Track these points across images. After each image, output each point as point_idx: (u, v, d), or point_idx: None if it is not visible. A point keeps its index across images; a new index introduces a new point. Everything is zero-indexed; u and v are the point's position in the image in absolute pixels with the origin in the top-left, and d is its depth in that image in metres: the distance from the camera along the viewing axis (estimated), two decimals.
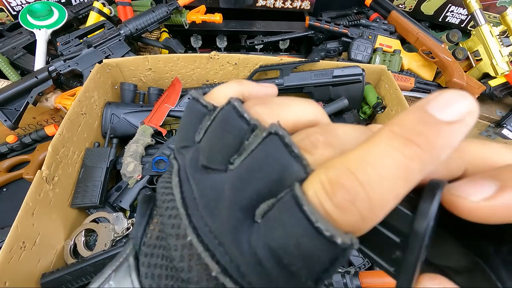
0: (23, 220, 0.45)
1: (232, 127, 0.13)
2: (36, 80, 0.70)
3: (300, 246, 0.10)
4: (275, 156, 0.11)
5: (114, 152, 0.65)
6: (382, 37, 0.94)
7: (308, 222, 0.10)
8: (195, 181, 0.13)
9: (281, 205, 0.11)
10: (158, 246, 0.13)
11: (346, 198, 0.10)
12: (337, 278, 0.48)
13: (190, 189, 0.13)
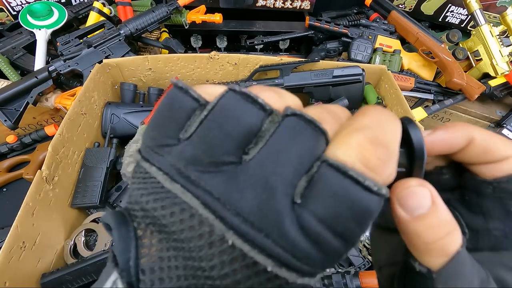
0: (23, 220, 0.45)
1: (244, 113, 0.12)
2: (36, 80, 0.70)
3: (353, 207, 0.11)
4: (300, 135, 0.12)
5: (114, 152, 0.65)
6: (382, 37, 0.94)
7: (357, 183, 0.11)
8: (209, 180, 0.12)
9: (321, 178, 0.11)
10: (170, 267, 0.11)
11: (384, 154, 0.12)
12: (337, 278, 0.48)
13: (206, 191, 0.11)
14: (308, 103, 0.83)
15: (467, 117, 0.91)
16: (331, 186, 0.11)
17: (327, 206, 0.11)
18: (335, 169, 0.11)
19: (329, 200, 0.11)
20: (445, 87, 0.88)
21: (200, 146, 0.12)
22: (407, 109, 0.68)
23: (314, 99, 0.81)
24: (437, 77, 0.93)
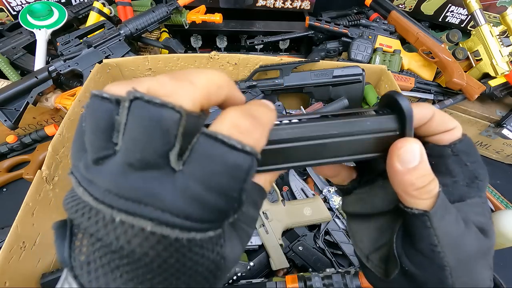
0: (23, 220, 0.46)
1: (96, 110, 0.14)
2: (36, 80, 0.70)
3: (223, 164, 0.13)
4: (145, 115, 0.13)
5: None
6: (382, 37, 0.94)
7: (223, 143, 0.13)
8: (94, 176, 0.13)
9: (197, 145, 0.13)
10: (93, 251, 0.13)
11: (252, 122, 0.15)
12: (337, 278, 0.48)
13: (95, 185, 0.13)
14: (308, 103, 0.83)
15: (467, 117, 0.91)
16: (204, 150, 0.13)
17: (201, 167, 0.13)
18: (207, 136, 0.13)
19: (203, 162, 0.13)
20: (445, 87, 0.88)
21: (76, 148, 0.15)
22: None
23: (314, 99, 0.81)
24: (437, 77, 0.93)
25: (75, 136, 0.15)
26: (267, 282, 0.49)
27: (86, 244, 0.13)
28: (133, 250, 0.12)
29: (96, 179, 0.13)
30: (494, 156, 0.99)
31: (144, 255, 0.12)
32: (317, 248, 0.60)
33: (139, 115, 0.13)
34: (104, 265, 0.13)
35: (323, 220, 0.61)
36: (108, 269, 0.13)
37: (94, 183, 0.13)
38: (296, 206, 0.61)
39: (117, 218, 0.12)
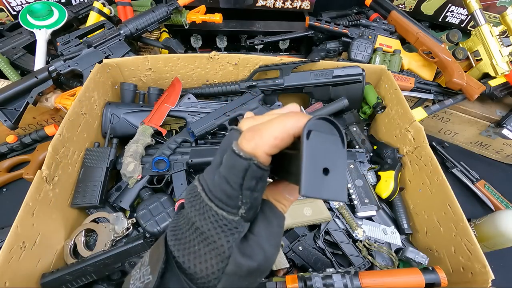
0: (23, 220, 0.46)
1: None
2: (36, 80, 0.70)
3: (228, 162, 0.20)
4: (230, 136, 0.23)
5: (114, 152, 0.65)
6: (382, 37, 0.94)
7: (231, 149, 0.20)
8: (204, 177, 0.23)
9: (228, 151, 0.21)
10: (180, 218, 0.24)
11: (251, 135, 0.20)
12: (337, 278, 0.48)
13: (203, 183, 0.22)
14: (308, 103, 0.83)
15: (467, 117, 0.91)
16: (228, 152, 0.21)
17: (224, 162, 0.21)
18: (231, 146, 0.21)
19: (225, 159, 0.21)
20: (445, 87, 0.88)
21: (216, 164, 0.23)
22: (407, 109, 0.68)
23: (314, 99, 0.81)
24: (437, 77, 0.93)
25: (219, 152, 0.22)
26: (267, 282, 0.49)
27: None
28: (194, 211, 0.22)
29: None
30: (494, 156, 0.99)
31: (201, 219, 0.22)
32: (317, 248, 0.60)
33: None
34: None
35: (323, 220, 0.61)
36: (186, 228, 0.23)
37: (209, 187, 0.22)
38: (296, 206, 0.61)
39: (202, 198, 0.22)
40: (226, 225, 0.21)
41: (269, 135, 0.20)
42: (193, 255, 0.22)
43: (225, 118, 0.72)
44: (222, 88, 0.78)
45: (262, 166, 0.20)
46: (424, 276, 0.48)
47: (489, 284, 0.45)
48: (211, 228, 0.21)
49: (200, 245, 0.22)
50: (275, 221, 0.23)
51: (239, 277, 0.21)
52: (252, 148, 0.20)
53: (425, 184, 0.62)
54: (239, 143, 0.20)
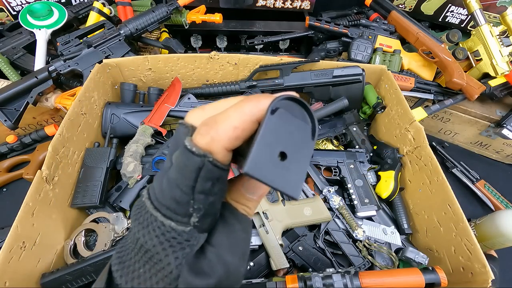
0: (23, 220, 0.46)
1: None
2: (36, 80, 0.70)
3: (179, 161, 0.17)
4: (178, 132, 0.19)
5: (114, 152, 0.65)
6: (382, 37, 0.94)
7: (184, 146, 0.17)
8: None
9: (178, 150, 0.18)
10: (127, 239, 0.21)
11: (204, 129, 0.17)
12: (337, 278, 0.48)
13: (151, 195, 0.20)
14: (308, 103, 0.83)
15: (467, 117, 0.91)
16: (179, 151, 0.18)
17: (174, 164, 0.18)
18: (182, 142, 0.18)
19: (175, 160, 0.18)
20: (445, 87, 0.88)
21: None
22: (407, 109, 0.68)
23: (314, 99, 0.81)
24: (437, 77, 0.93)
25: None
26: (267, 282, 0.49)
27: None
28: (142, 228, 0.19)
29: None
30: (494, 156, 0.99)
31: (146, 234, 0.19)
32: (317, 248, 0.60)
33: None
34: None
35: (323, 220, 0.61)
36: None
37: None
38: (296, 206, 0.61)
39: (149, 210, 0.19)
40: (175, 238, 0.18)
41: (227, 125, 0.17)
42: (137, 280, 0.18)
43: None
44: (222, 88, 0.78)
45: (219, 165, 0.17)
46: (424, 276, 0.48)
47: (489, 284, 0.45)
48: (157, 243, 0.18)
49: (145, 267, 0.18)
50: (238, 226, 0.20)
51: None
52: (207, 143, 0.17)
53: (425, 184, 0.62)
54: (192, 139, 0.17)
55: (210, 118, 0.18)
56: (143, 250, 0.19)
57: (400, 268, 0.58)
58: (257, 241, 0.58)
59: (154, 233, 0.18)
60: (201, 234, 0.18)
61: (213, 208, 0.18)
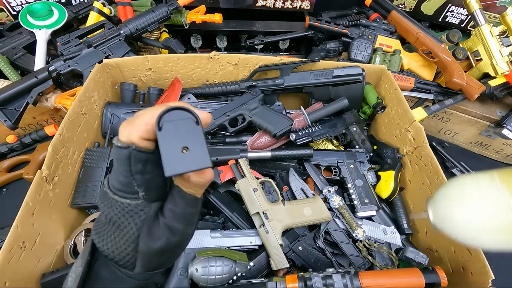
0: (23, 220, 0.46)
1: None
2: (36, 80, 0.70)
3: (114, 155, 0.24)
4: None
5: None
6: (382, 37, 0.94)
7: (113, 144, 0.23)
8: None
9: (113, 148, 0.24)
10: (100, 217, 0.27)
11: (125, 125, 0.23)
12: (337, 278, 0.48)
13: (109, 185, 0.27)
14: (308, 103, 0.83)
15: (467, 117, 0.91)
16: (112, 152, 0.28)
17: (113, 157, 0.24)
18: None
19: (114, 160, 0.24)
20: (445, 87, 0.88)
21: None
22: (407, 109, 0.68)
23: (314, 99, 0.81)
24: (437, 77, 0.93)
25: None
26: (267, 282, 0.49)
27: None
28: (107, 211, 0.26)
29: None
30: (494, 156, 0.99)
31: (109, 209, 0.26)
32: (317, 248, 0.60)
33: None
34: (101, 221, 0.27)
35: (323, 220, 0.61)
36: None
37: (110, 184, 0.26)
38: (296, 206, 0.61)
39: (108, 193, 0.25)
40: (132, 210, 0.24)
41: (140, 122, 0.23)
42: (110, 243, 0.25)
43: (225, 118, 0.72)
44: (222, 88, 0.78)
45: (143, 150, 0.23)
46: (424, 276, 0.48)
47: (489, 284, 0.45)
48: (121, 216, 0.24)
49: (115, 233, 0.25)
50: (182, 202, 0.26)
51: (152, 254, 0.25)
52: (127, 136, 0.23)
53: (425, 184, 0.62)
54: (118, 137, 0.23)
55: (128, 120, 0.24)
56: (111, 222, 0.25)
57: (400, 268, 0.58)
58: (257, 241, 0.58)
59: (117, 210, 0.24)
60: (152, 204, 0.25)
61: (153, 182, 0.25)
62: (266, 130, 0.71)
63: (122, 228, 0.25)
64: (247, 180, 0.61)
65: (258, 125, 0.72)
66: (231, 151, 0.67)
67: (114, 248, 0.25)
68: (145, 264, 0.25)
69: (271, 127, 0.70)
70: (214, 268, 0.50)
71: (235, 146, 0.71)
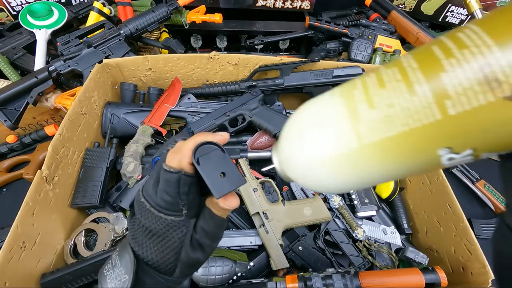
0: (23, 220, 0.46)
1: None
2: (36, 80, 0.70)
3: (164, 178, 0.26)
4: (162, 158, 0.28)
5: (114, 152, 0.65)
6: (382, 37, 0.94)
7: (163, 169, 0.26)
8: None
9: (161, 172, 0.27)
10: (135, 225, 0.29)
11: (173, 153, 0.27)
12: (337, 278, 0.48)
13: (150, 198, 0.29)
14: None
15: None
16: (161, 172, 0.27)
17: (160, 180, 0.27)
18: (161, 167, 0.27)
19: (161, 177, 0.27)
20: None
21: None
22: None
23: None
24: None
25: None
26: (267, 282, 0.49)
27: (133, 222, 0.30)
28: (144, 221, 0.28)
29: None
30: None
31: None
32: (317, 248, 0.60)
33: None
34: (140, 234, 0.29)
35: (323, 220, 0.61)
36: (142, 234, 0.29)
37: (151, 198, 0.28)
38: (296, 206, 0.61)
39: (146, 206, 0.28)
40: (176, 226, 0.27)
41: (186, 149, 0.27)
42: (154, 253, 0.28)
43: (225, 118, 0.72)
44: (222, 88, 0.78)
45: (189, 175, 0.26)
46: (424, 276, 0.48)
47: (489, 284, 0.45)
48: (165, 230, 0.27)
49: (158, 244, 0.28)
50: (212, 223, 0.29)
51: (190, 263, 0.29)
52: (178, 163, 0.26)
53: (425, 184, 0.62)
54: (167, 163, 0.26)
55: (174, 149, 0.27)
56: (152, 233, 0.28)
57: (400, 268, 0.58)
58: (257, 241, 0.58)
59: (162, 225, 0.27)
60: (191, 220, 0.28)
61: (194, 201, 0.28)
62: (266, 130, 0.71)
63: (166, 240, 0.28)
64: (247, 180, 0.61)
65: (258, 125, 0.72)
66: (231, 151, 0.67)
67: (159, 257, 0.28)
68: (183, 270, 0.29)
69: (271, 127, 0.70)
70: (214, 268, 0.50)
71: (235, 146, 0.71)
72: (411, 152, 0.16)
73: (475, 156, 0.15)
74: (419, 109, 0.15)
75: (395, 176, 0.19)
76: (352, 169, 0.19)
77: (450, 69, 0.14)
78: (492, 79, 0.13)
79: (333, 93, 0.21)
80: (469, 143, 0.15)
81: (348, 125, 0.18)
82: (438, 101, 0.15)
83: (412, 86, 0.15)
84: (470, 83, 0.14)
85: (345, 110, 0.18)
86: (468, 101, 0.14)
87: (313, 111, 0.21)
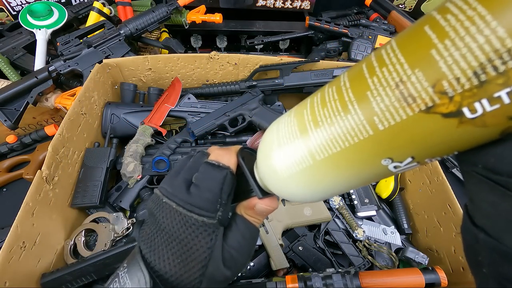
0: (23, 220, 0.46)
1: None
2: (36, 80, 0.70)
3: (208, 174, 0.25)
4: (199, 157, 0.28)
5: (114, 152, 0.65)
6: (382, 37, 0.94)
7: (211, 164, 0.26)
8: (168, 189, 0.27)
9: (201, 167, 0.26)
10: (152, 231, 0.25)
11: (221, 153, 0.26)
12: (337, 278, 0.48)
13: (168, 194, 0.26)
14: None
15: None
16: (202, 167, 0.25)
17: (201, 176, 0.25)
18: (205, 161, 0.26)
19: (201, 173, 0.25)
20: None
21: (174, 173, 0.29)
22: None
23: None
24: None
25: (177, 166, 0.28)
26: (267, 282, 0.49)
27: (148, 227, 0.26)
28: (164, 223, 0.24)
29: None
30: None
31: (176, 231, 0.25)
32: (317, 248, 0.60)
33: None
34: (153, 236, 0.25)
35: (323, 220, 0.61)
36: (157, 238, 0.25)
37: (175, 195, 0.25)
38: (296, 206, 0.61)
39: (164, 200, 0.25)
40: (206, 230, 0.24)
41: (235, 149, 0.27)
42: (178, 265, 0.23)
43: (225, 118, 0.72)
44: (222, 88, 0.79)
45: (234, 174, 0.26)
46: (424, 276, 0.48)
47: None
48: (194, 236, 0.23)
49: (183, 255, 0.23)
50: (248, 233, 0.26)
51: (216, 282, 0.24)
52: (227, 161, 0.26)
53: (425, 184, 0.62)
54: (214, 159, 0.26)
55: (224, 149, 0.27)
56: (173, 239, 0.24)
57: (400, 268, 0.58)
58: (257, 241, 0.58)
59: (186, 226, 0.24)
60: (221, 228, 0.25)
61: (229, 204, 0.26)
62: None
63: (192, 250, 0.23)
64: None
65: (258, 125, 0.72)
66: None
67: (182, 271, 0.23)
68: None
69: None
70: None
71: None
72: (358, 164, 0.17)
73: (419, 162, 0.16)
74: (354, 126, 0.16)
75: (355, 185, 0.20)
76: (315, 182, 0.20)
77: (373, 87, 0.15)
78: (407, 95, 0.14)
79: (290, 113, 0.22)
80: (406, 153, 0.15)
81: (301, 144, 0.19)
82: (367, 118, 0.15)
83: (346, 105, 0.16)
84: (390, 100, 0.14)
85: (297, 130, 0.20)
86: (392, 116, 0.15)
87: (275, 129, 0.23)
